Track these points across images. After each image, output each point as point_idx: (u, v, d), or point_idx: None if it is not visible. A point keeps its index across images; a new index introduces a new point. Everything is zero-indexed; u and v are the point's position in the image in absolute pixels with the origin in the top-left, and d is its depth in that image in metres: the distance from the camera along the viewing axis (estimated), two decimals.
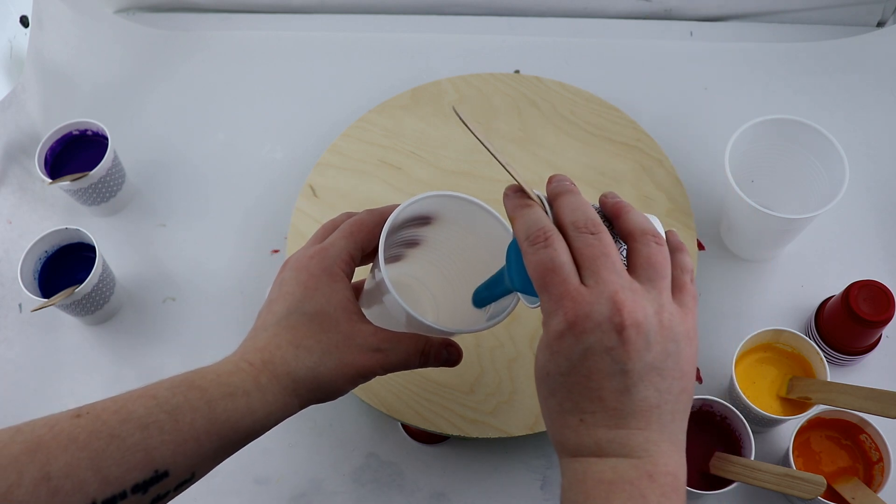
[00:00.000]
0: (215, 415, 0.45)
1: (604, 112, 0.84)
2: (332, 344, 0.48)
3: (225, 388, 0.46)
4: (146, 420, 0.44)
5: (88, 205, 0.85)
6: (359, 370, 0.49)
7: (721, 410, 0.67)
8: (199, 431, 0.45)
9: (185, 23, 1.01)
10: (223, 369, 0.47)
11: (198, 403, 0.45)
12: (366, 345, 0.49)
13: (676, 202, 0.77)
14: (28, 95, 0.89)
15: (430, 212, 0.56)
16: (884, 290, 0.68)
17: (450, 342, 0.54)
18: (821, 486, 0.58)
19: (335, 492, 0.72)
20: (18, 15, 0.92)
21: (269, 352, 0.48)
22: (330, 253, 0.50)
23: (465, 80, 0.87)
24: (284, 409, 0.48)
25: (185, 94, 0.96)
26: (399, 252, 0.61)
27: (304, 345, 0.48)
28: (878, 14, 0.94)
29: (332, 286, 0.49)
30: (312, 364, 0.48)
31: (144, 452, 0.43)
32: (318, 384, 0.48)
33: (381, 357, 0.49)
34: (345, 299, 0.50)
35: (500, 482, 0.71)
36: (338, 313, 0.49)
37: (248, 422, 0.47)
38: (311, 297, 0.49)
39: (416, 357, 0.51)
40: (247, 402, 0.46)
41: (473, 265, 0.58)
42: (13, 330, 0.81)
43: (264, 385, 0.47)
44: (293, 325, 0.49)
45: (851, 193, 0.81)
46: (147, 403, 0.44)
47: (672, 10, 0.97)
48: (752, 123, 0.73)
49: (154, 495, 0.44)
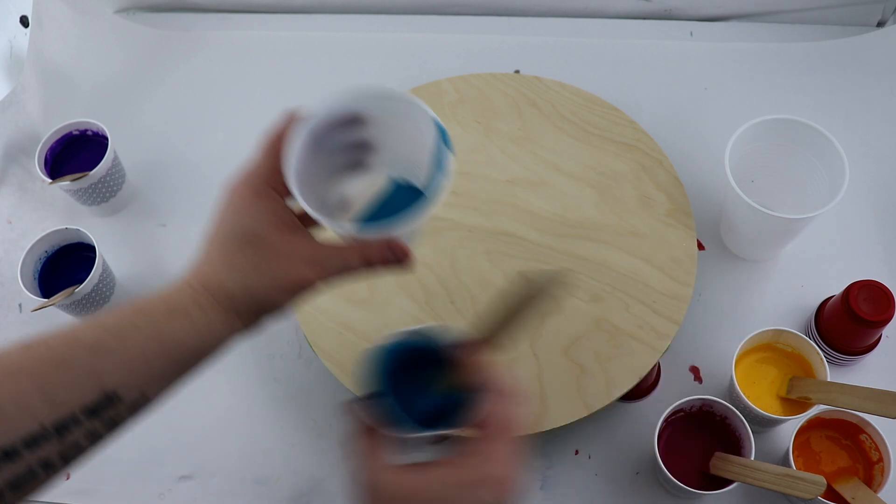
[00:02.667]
0: (161, 335, 0.47)
1: (604, 112, 0.84)
2: (261, 260, 0.49)
3: (168, 309, 0.48)
4: (95, 345, 0.45)
5: (88, 205, 0.85)
6: (294, 282, 0.49)
7: (721, 410, 0.67)
8: (147, 352, 0.46)
9: (185, 23, 1.01)
10: (166, 293, 0.49)
11: (144, 326, 0.46)
12: (300, 257, 0.50)
13: (676, 202, 0.77)
14: (28, 95, 0.89)
15: (352, 111, 0.53)
16: (884, 290, 0.68)
17: (392, 243, 0.52)
18: (821, 486, 0.58)
19: (335, 492, 0.72)
20: (18, 15, 0.92)
21: (204, 273, 0.50)
22: (253, 172, 0.51)
23: (465, 80, 0.87)
24: (228, 327, 0.49)
25: (185, 94, 0.96)
26: (354, 158, 0.56)
27: (235, 263, 0.49)
28: (878, 14, 0.94)
29: (258, 204, 0.50)
30: (244, 281, 0.49)
31: (94, 375, 0.44)
32: (254, 299, 0.49)
33: (318, 268, 0.50)
34: (272, 216, 0.50)
35: None
36: (266, 229, 0.50)
37: (194, 340, 0.48)
38: (239, 218, 0.50)
39: (356, 262, 0.51)
40: (190, 321, 0.48)
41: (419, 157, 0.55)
42: (13, 330, 0.81)
43: (204, 304, 0.48)
44: (225, 246, 0.50)
45: (851, 193, 0.81)
46: (95, 330, 0.45)
47: (672, 10, 0.97)
48: (752, 123, 0.73)
49: (108, 418, 0.45)
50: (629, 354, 0.70)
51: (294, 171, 0.49)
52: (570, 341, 0.71)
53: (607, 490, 0.70)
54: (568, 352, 0.70)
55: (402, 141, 0.55)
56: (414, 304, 0.74)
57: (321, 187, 0.54)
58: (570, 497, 0.70)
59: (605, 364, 0.69)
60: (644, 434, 0.72)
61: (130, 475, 0.74)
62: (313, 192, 0.51)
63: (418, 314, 0.73)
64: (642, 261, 0.74)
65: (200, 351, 0.49)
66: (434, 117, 0.51)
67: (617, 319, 0.71)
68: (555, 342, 0.71)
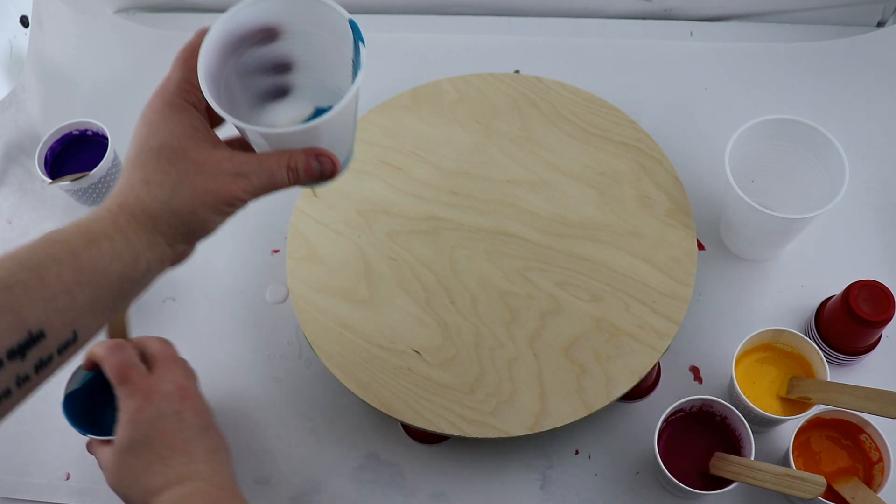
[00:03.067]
0: (81, 263, 0.43)
1: (604, 112, 0.84)
2: (180, 174, 0.46)
3: (86, 236, 0.45)
4: (9, 280, 0.41)
5: (88, 205, 0.85)
6: (218, 197, 0.47)
7: (721, 410, 0.67)
8: (69, 283, 0.43)
9: (185, 23, 1.01)
10: (83, 221, 0.46)
11: (61, 255, 0.43)
12: (221, 170, 0.47)
13: (676, 202, 0.77)
14: (28, 95, 0.89)
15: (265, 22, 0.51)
16: (884, 290, 0.68)
17: (317, 151, 0.50)
18: (821, 486, 0.59)
19: (335, 492, 0.72)
20: (18, 15, 0.92)
21: (123, 195, 0.47)
22: (167, 87, 0.49)
23: (465, 80, 0.87)
24: (150, 247, 0.47)
25: None
26: (276, 82, 0.55)
27: (153, 180, 0.46)
28: (878, 14, 0.94)
29: (173, 117, 0.48)
30: (165, 197, 0.46)
31: (12, 314, 0.41)
32: (177, 217, 0.47)
33: (242, 181, 0.48)
34: (190, 128, 0.48)
35: (500, 482, 0.71)
36: (183, 143, 0.47)
37: (117, 266, 0.45)
38: (156, 133, 0.47)
39: (281, 172, 0.49)
40: (110, 246, 0.45)
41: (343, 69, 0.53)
42: None
43: (124, 227, 0.46)
44: (142, 163, 0.47)
45: (851, 193, 0.81)
46: (7, 265, 0.42)
47: (672, 10, 0.97)
48: (752, 123, 0.73)
49: (36, 359, 0.42)
50: (629, 354, 0.70)
51: (206, 76, 0.47)
52: (570, 341, 0.71)
53: (607, 490, 0.70)
54: (568, 352, 0.71)
55: (323, 57, 0.53)
56: (414, 304, 0.74)
57: (245, 115, 0.52)
58: (570, 497, 0.70)
59: (605, 364, 0.70)
60: (644, 434, 0.72)
61: None
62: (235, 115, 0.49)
63: (418, 314, 0.73)
64: (642, 261, 0.74)
65: (125, 278, 0.46)
66: (347, 16, 0.49)
67: (617, 319, 0.71)
68: (555, 342, 0.71)
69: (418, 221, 0.78)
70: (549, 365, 0.70)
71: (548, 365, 0.70)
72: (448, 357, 0.71)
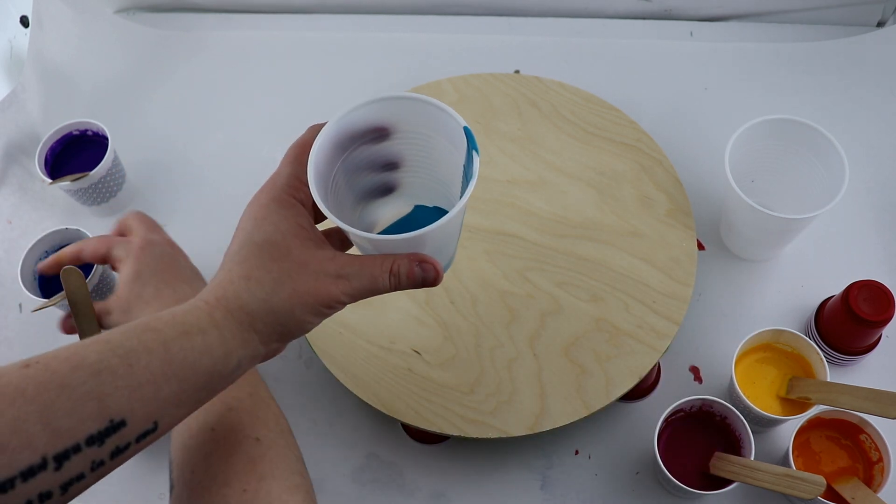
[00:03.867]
0: (171, 355, 0.43)
1: (604, 112, 0.84)
2: (283, 273, 0.45)
3: (180, 327, 0.44)
4: (98, 366, 0.41)
5: (88, 205, 0.85)
6: (318, 298, 0.46)
7: (721, 410, 0.67)
8: (156, 374, 0.42)
9: (185, 23, 1.01)
10: (179, 311, 0.45)
11: (152, 345, 0.43)
12: (323, 271, 0.46)
13: (676, 202, 0.77)
14: (28, 95, 0.89)
15: (379, 122, 0.51)
16: (884, 290, 0.68)
17: (421, 258, 0.49)
18: (821, 486, 0.59)
19: (335, 492, 0.72)
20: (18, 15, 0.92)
21: (222, 288, 0.46)
22: (277, 182, 0.48)
23: (465, 80, 0.87)
24: (244, 345, 0.46)
25: (185, 94, 0.96)
26: (382, 179, 0.55)
27: (254, 276, 0.45)
28: (878, 14, 0.94)
29: (280, 213, 0.47)
30: (264, 295, 0.45)
31: (97, 401, 0.40)
32: (275, 316, 0.46)
33: (343, 283, 0.46)
34: (296, 226, 0.47)
35: (500, 482, 0.71)
36: (288, 240, 0.46)
37: (207, 361, 0.44)
38: (260, 228, 0.46)
39: (383, 278, 0.48)
40: (203, 340, 0.44)
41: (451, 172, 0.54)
42: (13, 330, 0.81)
43: (219, 321, 0.45)
44: (244, 258, 0.46)
45: (851, 193, 0.81)
46: (100, 349, 0.42)
47: (672, 10, 0.97)
48: (752, 123, 0.73)
49: (113, 447, 0.41)
50: (629, 354, 0.70)
51: (315, 174, 0.46)
52: (570, 341, 0.71)
53: (607, 490, 0.70)
54: (568, 352, 0.70)
55: (430, 157, 0.53)
56: (414, 304, 0.74)
57: (349, 212, 0.52)
58: (570, 497, 0.70)
59: (604, 364, 0.69)
60: (644, 434, 0.72)
61: (130, 475, 0.74)
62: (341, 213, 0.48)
63: (418, 314, 0.73)
64: (642, 261, 0.74)
65: (215, 373, 0.45)
66: (462, 123, 0.49)
67: (617, 319, 0.71)
68: (555, 342, 0.71)
69: None
70: (549, 365, 0.70)
71: (548, 365, 0.70)
72: (448, 357, 0.71)
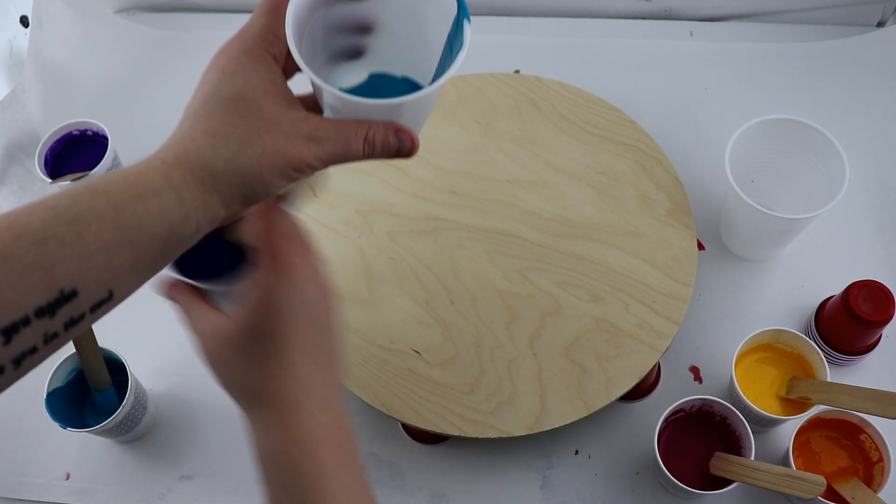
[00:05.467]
0: (123, 220, 0.39)
1: (604, 112, 0.84)
2: (252, 130, 0.42)
3: (133, 189, 0.40)
4: (43, 234, 0.37)
5: None
6: (288, 160, 0.43)
7: (721, 410, 0.67)
8: (107, 241, 0.39)
9: (185, 23, 1.01)
10: (132, 171, 0.41)
11: (103, 210, 0.39)
12: (295, 132, 0.43)
13: (676, 202, 0.77)
14: (28, 95, 0.89)
15: None
16: (884, 290, 0.68)
17: (398, 127, 0.47)
18: (821, 486, 0.59)
19: None
20: (18, 15, 0.92)
21: (182, 145, 0.42)
22: (248, 33, 0.44)
23: (465, 80, 0.87)
24: (204, 208, 0.42)
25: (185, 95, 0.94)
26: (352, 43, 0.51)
27: (220, 133, 0.42)
28: (878, 14, 0.94)
29: (252, 68, 0.43)
30: (231, 153, 0.42)
31: (44, 270, 0.37)
32: (241, 176, 0.42)
33: (315, 146, 0.43)
34: (268, 81, 0.43)
35: (500, 482, 0.71)
36: (260, 96, 0.43)
37: (163, 226, 0.41)
38: (230, 81, 0.43)
39: (357, 143, 0.45)
40: (158, 203, 0.40)
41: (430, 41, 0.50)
42: None
43: (177, 182, 0.41)
44: (209, 113, 0.42)
45: (851, 193, 0.81)
46: (44, 215, 0.38)
47: (672, 10, 0.97)
48: (752, 123, 0.73)
49: (66, 318, 0.39)
50: (629, 354, 0.70)
51: (293, 27, 0.43)
52: (570, 341, 0.71)
53: (607, 490, 0.70)
54: (568, 352, 0.70)
55: (408, 24, 0.49)
56: (414, 304, 0.74)
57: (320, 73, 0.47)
58: (570, 497, 0.70)
59: (604, 364, 0.69)
60: (644, 434, 0.72)
61: (130, 475, 0.74)
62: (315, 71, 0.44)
63: (418, 314, 0.73)
64: (642, 261, 0.74)
65: (172, 238, 0.41)
66: None
67: (617, 319, 0.71)
68: (555, 342, 0.71)
69: (418, 221, 0.78)
70: (549, 365, 0.70)
71: (548, 365, 0.70)
72: (448, 357, 0.71)
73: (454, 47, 0.46)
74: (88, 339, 0.70)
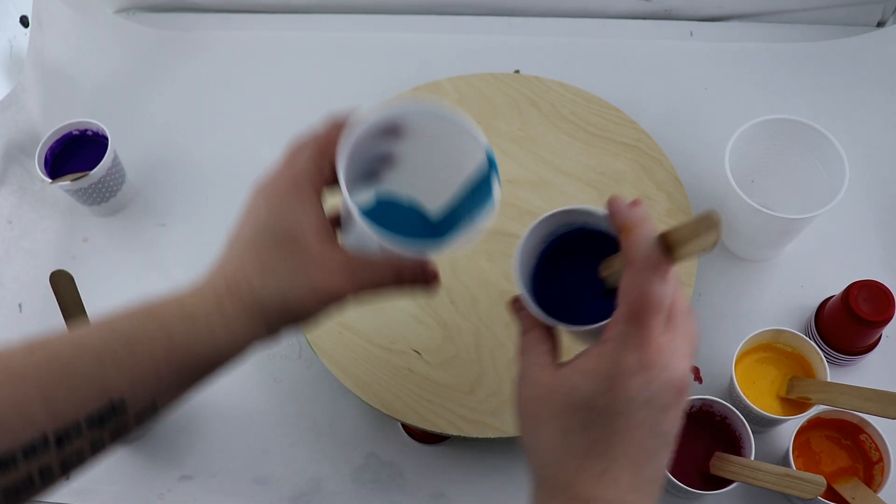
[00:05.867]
0: (174, 343, 0.43)
1: (604, 112, 0.84)
2: (300, 266, 0.45)
3: (186, 314, 0.44)
4: (101, 351, 0.42)
5: (88, 204, 0.85)
6: (330, 292, 0.46)
7: (721, 410, 0.67)
8: (158, 361, 0.43)
9: (185, 23, 1.01)
10: (185, 296, 0.45)
11: (156, 333, 0.43)
12: (337, 267, 0.46)
13: (676, 202, 0.77)
14: (28, 95, 0.89)
15: (396, 123, 0.51)
16: (884, 290, 0.68)
17: (424, 264, 0.50)
18: (821, 486, 0.59)
19: (335, 492, 0.72)
20: (18, 15, 0.92)
21: (233, 276, 0.46)
22: (297, 172, 0.47)
23: (465, 80, 0.87)
24: (251, 336, 0.46)
25: (185, 94, 0.96)
26: (375, 168, 0.55)
27: (271, 267, 0.45)
28: (878, 14, 0.94)
29: (301, 206, 0.46)
30: (279, 286, 0.45)
31: (98, 384, 0.41)
32: (287, 308, 0.46)
33: (352, 280, 0.47)
34: (315, 220, 0.46)
35: (500, 482, 0.71)
36: (307, 234, 0.46)
37: (211, 350, 0.44)
38: (279, 218, 0.46)
39: (389, 277, 0.48)
40: (209, 330, 0.44)
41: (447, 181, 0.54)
42: (13, 330, 0.81)
43: (228, 311, 0.44)
44: (260, 247, 0.46)
45: (851, 193, 0.81)
46: (103, 334, 0.42)
47: (672, 10, 0.97)
48: (752, 123, 0.73)
49: (113, 427, 0.42)
50: None
51: (345, 176, 0.46)
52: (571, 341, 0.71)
53: None
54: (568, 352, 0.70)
55: (430, 162, 0.53)
56: (414, 304, 0.74)
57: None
58: None
59: None
60: None
61: (130, 475, 0.74)
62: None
63: (418, 314, 0.73)
64: None
65: (217, 360, 0.45)
66: (486, 146, 0.49)
67: None
68: None
69: None
70: None
71: None
72: (448, 357, 0.71)
73: (480, 196, 0.51)
74: None
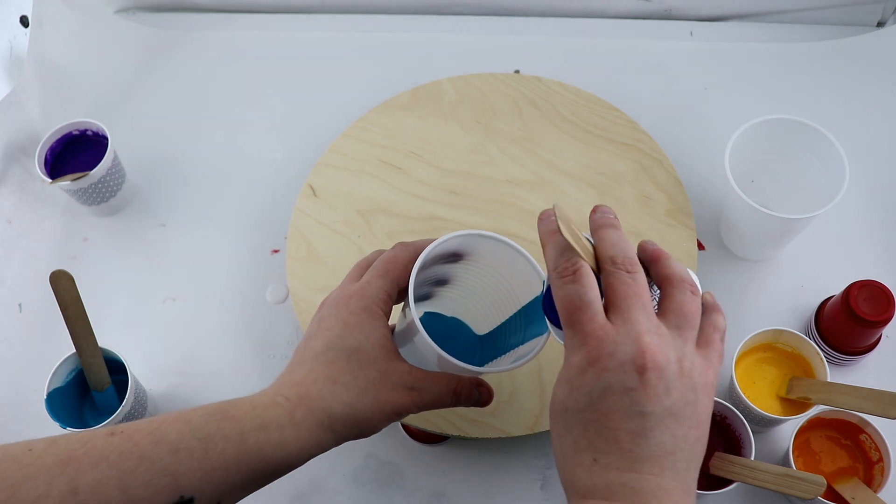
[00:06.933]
0: (246, 446, 0.46)
1: (604, 112, 0.84)
2: (369, 381, 0.49)
3: (259, 420, 0.47)
4: (177, 445, 0.44)
5: (88, 205, 0.85)
6: (395, 407, 0.50)
7: (721, 410, 0.67)
8: (229, 461, 0.45)
9: (185, 23, 1.01)
10: (259, 402, 0.48)
11: (230, 433, 0.46)
12: (401, 383, 0.50)
13: (676, 202, 0.77)
14: (28, 95, 0.89)
15: (461, 249, 0.56)
16: (884, 290, 0.68)
17: (480, 382, 0.55)
18: (821, 486, 0.58)
19: (335, 492, 0.72)
20: (18, 15, 0.92)
21: (305, 387, 0.49)
22: (368, 292, 0.52)
23: (465, 80, 0.87)
24: (318, 445, 0.49)
25: (185, 95, 0.96)
26: (428, 291, 0.61)
27: (341, 381, 0.49)
28: (878, 14, 0.94)
29: (370, 324, 0.50)
30: (349, 400, 0.48)
31: (172, 477, 0.44)
32: (355, 421, 0.49)
33: (415, 395, 0.50)
34: (382, 337, 0.51)
35: (500, 482, 0.71)
36: (376, 351, 0.50)
37: (280, 455, 0.47)
38: (350, 334, 0.50)
39: (448, 396, 0.52)
40: (280, 435, 0.47)
41: (499, 303, 0.59)
42: (13, 330, 0.81)
43: (299, 420, 0.47)
44: (331, 361, 0.49)
45: (851, 193, 0.80)
46: (180, 428, 0.45)
47: (672, 10, 0.97)
48: (752, 123, 0.73)
49: None
50: None
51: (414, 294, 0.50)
52: None
53: None
54: None
55: (483, 283, 0.58)
56: None
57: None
58: None
59: None
60: None
61: None
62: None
63: None
64: None
65: (285, 465, 0.48)
66: (544, 276, 0.53)
67: None
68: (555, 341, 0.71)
69: (418, 221, 0.78)
70: (550, 365, 0.70)
71: (548, 365, 0.70)
72: None
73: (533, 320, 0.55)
74: (89, 339, 0.70)
